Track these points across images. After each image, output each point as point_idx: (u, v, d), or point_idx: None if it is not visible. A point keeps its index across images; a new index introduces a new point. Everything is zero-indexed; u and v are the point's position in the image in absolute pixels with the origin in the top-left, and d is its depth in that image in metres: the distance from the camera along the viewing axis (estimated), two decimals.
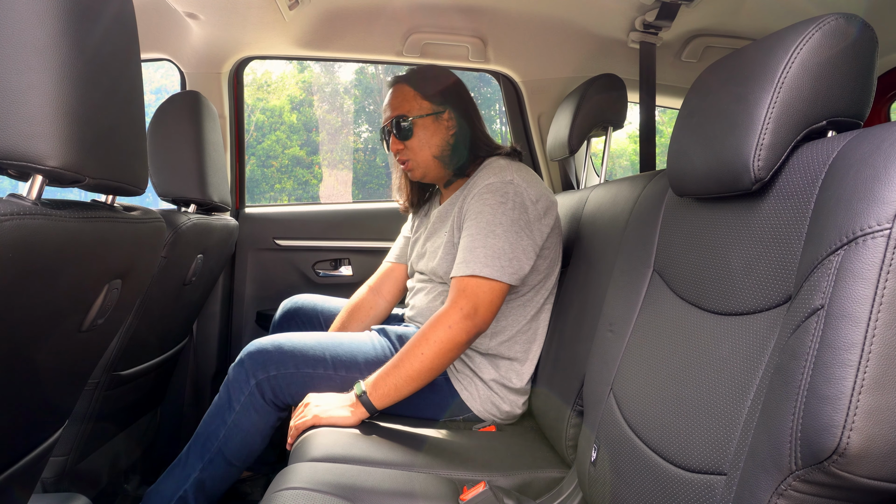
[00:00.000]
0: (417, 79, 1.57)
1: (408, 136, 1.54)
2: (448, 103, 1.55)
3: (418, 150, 1.55)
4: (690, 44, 1.92)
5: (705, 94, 0.89)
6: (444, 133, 1.55)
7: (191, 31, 1.84)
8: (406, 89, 1.56)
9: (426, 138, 1.54)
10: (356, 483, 1.08)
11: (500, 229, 1.37)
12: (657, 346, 0.93)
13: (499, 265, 1.34)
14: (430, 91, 1.55)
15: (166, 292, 1.45)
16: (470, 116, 1.57)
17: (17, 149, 0.65)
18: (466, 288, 1.34)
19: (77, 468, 1.40)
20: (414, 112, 1.54)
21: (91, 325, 0.87)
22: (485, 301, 1.34)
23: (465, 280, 1.35)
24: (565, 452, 1.26)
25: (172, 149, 1.50)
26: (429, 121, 1.54)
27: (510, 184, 1.41)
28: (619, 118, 1.81)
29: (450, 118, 1.55)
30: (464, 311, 1.32)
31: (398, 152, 1.57)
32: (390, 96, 1.58)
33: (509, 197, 1.40)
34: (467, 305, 1.33)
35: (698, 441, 0.74)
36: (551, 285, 1.52)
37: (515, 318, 1.47)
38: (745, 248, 0.77)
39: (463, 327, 1.32)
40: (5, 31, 0.64)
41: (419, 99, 1.54)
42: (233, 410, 1.39)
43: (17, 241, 0.60)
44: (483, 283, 1.34)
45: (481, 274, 1.33)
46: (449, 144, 1.55)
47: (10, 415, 0.77)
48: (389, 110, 1.57)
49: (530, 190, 1.43)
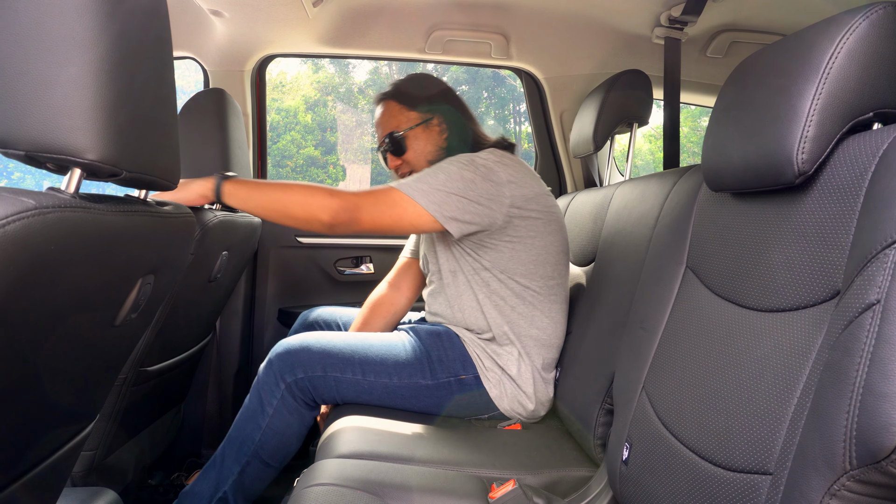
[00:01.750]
0: (401, 92, 1.58)
1: (402, 150, 1.56)
2: (435, 109, 1.56)
3: (416, 162, 1.56)
4: (716, 39, 1.89)
5: (743, 86, 0.87)
6: (436, 139, 1.56)
7: (215, 29, 1.85)
8: (392, 105, 1.58)
9: (420, 148, 1.55)
10: (384, 479, 1.07)
11: (445, 175, 1.36)
12: (692, 343, 0.91)
13: (424, 191, 1.33)
14: (415, 101, 1.56)
15: (192, 289, 1.46)
16: (459, 117, 1.57)
17: (57, 142, 0.65)
18: (377, 190, 1.34)
19: (104, 463, 1.41)
20: (403, 126, 1.56)
21: (124, 319, 0.87)
22: (377, 208, 1.33)
23: (385, 186, 1.35)
24: (593, 451, 1.25)
25: (199, 146, 1.51)
26: (419, 130, 1.56)
27: (484, 159, 1.41)
28: (644, 114, 1.80)
29: (440, 123, 1.57)
30: (354, 198, 1.31)
31: (397, 168, 1.59)
32: (379, 115, 1.60)
33: (477, 165, 1.39)
34: (359, 198, 1.32)
35: (740, 439, 0.72)
36: (563, 283, 1.50)
37: (538, 319, 1.46)
38: (787, 244, 0.75)
39: (335, 208, 1.29)
40: (46, 25, 0.64)
41: (406, 111, 1.56)
42: (266, 414, 1.38)
43: (59, 234, 0.61)
44: (394, 194, 1.33)
45: (400, 188, 1.33)
46: (443, 149, 1.56)
47: (47, 407, 0.77)
48: (381, 129, 1.59)
49: (505, 171, 1.41)
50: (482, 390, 1.44)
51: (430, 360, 1.44)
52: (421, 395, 1.43)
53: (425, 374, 1.43)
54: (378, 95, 1.62)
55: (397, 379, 1.42)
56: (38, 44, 0.64)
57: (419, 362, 1.43)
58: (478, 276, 1.47)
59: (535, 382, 1.45)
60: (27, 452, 0.79)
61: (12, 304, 0.58)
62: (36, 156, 0.66)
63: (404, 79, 1.63)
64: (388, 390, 1.42)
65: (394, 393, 1.42)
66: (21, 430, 0.74)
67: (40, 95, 0.64)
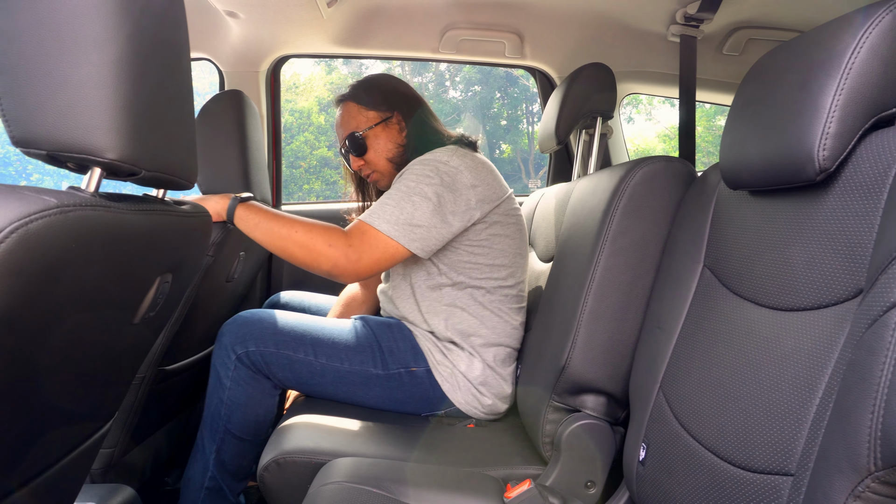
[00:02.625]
0: (359, 92, 1.58)
1: (363, 150, 1.56)
2: (394, 106, 1.56)
3: (377, 161, 1.57)
4: (733, 36, 1.88)
5: (762, 83, 0.86)
6: (396, 136, 1.56)
7: (230, 30, 1.87)
8: (351, 106, 1.58)
9: (381, 147, 1.55)
10: (398, 478, 1.07)
11: (418, 198, 1.34)
12: (710, 343, 0.90)
13: (403, 229, 1.33)
14: (372, 100, 1.56)
15: (211, 289, 1.47)
16: (419, 114, 1.56)
17: (78, 141, 0.65)
18: (365, 233, 1.33)
19: (122, 460, 1.42)
20: (363, 126, 1.56)
21: (143, 318, 0.88)
22: (373, 255, 1.32)
23: (367, 226, 1.34)
24: (541, 449, 1.24)
25: (217, 147, 1.52)
26: (379, 129, 1.55)
27: (445, 163, 1.39)
28: (608, 108, 1.75)
29: (398, 121, 1.56)
30: (351, 249, 1.31)
31: (360, 168, 1.59)
32: (338, 117, 1.60)
33: (439, 172, 1.38)
34: (357, 250, 1.31)
35: (760, 440, 0.72)
36: (517, 285, 1.50)
37: (480, 314, 1.46)
38: (808, 242, 0.74)
39: (336, 258, 1.30)
40: (66, 25, 0.64)
41: (364, 111, 1.57)
42: (224, 388, 1.40)
43: (80, 232, 0.61)
44: (381, 237, 1.32)
45: (381, 228, 1.32)
46: (401, 146, 1.56)
47: (68, 403, 0.78)
48: (341, 131, 1.59)
49: (467, 174, 1.39)
50: (434, 384, 1.44)
51: (381, 350, 1.45)
52: (372, 383, 1.44)
53: (376, 363, 1.44)
54: (336, 97, 1.62)
55: (348, 364, 1.42)
56: (59, 44, 0.64)
57: (370, 350, 1.44)
58: (431, 280, 1.47)
59: (488, 377, 1.44)
60: (49, 448, 0.80)
61: (34, 301, 0.58)
62: (57, 155, 0.66)
63: (362, 80, 1.63)
64: (340, 375, 1.42)
65: (345, 378, 1.43)
66: (43, 425, 0.75)
67: (61, 95, 0.64)
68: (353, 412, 1.41)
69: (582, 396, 1.19)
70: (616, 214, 1.15)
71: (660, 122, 13.52)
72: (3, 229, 0.52)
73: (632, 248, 1.14)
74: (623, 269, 1.15)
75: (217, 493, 1.41)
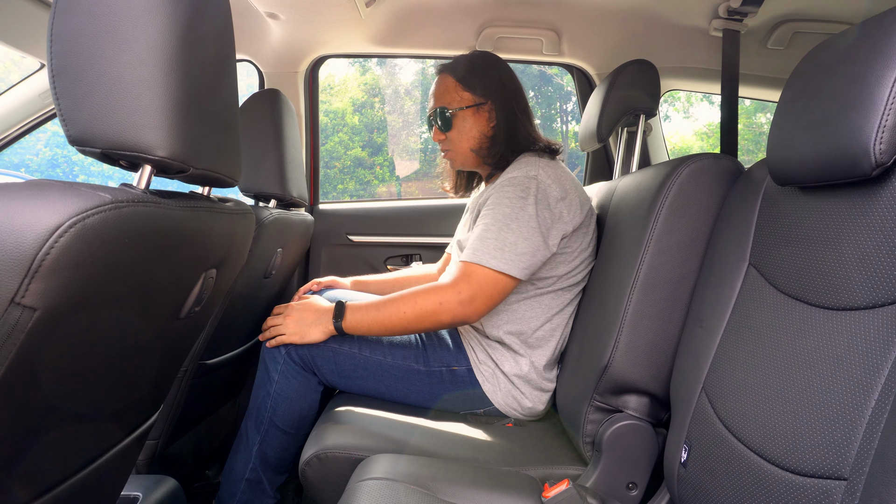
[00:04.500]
0: (461, 69, 1.54)
1: (448, 127, 1.54)
2: (490, 95, 1.52)
3: (457, 142, 1.55)
4: (778, 30, 1.82)
5: (813, 75, 0.83)
6: (483, 126, 1.53)
7: (270, 31, 1.90)
8: (448, 80, 1.55)
9: (465, 130, 1.53)
10: (437, 476, 1.07)
11: (516, 224, 1.33)
12: (756, 342, 0.88)
13: (509, 258, 1.31)
14: (472, 82, 1.52)
15: (249, 284, 1.49)
16: (513, 110, 1.52)
17: (130, 140, 0.67)
18: (472, 274, 1.32)
19: (166, 452, 1.46)
20: (454, 104, 1.53)
21: (188, 312, 0.90)
22: (486, 292, 1.32)
23: (473, 266, 1.33)
24: (582, 449, 1.22)
25: (256, 145, 1.55)
26: (468, 113, 1.52)
27: (533, 179, 1.38)
28: (651, 106, 1.71)
29: (490, 110, 1.52)
30: (462, 295, 1.31)
31: (440, 142, 1.58)
32: (434, 86, 1.58)
33: (531, 192, 1.36)
34: (467, 291, 1.31)
35: (810, 443, 0.70)
36: (582, 281, 1.47)
37: (542, 313, 1.44)
38: (862, 239, 0.72)
39: (452, 310, 1.30)
40: (120, 27, 0.66)
41: (460, 90, 1.53)
42: (272, 381, 1.43)
43: (132, 227, 0.63)
44: (490, 273, 1.32)
45: (489, 265, 1.31)
46: (487, 137, 1.53)
47: (119, 394, 0.81)
48: (433, 100, 1.57)
49: (555, 187, 1.38)
50: (475, 383, 1.44)
51: (424, 347, 1.46)
52: (413, 379, 1.45)
53: (418, 360, 1.45)
54: (439, 65, 1.59)
55: (391, 358, 1.44)
56: (114, 46, 0.66)
57: (413, 347, 1.46)
58: None
59: (532, 378, 1.43)
60: (101, 436, 0.83)
61: (91, 293, 0.60)
62: (111, 153, 0.69)
63: (468, 55, 1.59)
64: (382, 369, 1.44)
65: (387, 372, 1.44)
66: (97, 414, 0.77)
67: (115, 95, 0.66)
68: (393, 409, 1.43)
69: (624, 397, 1.17)
70: (662, 212, 1.13)
71: (698, 119, 13.25)
72: (63, 224, 0.54)
73: (677, 247, 1.12)
74: (668, 267, 1.13)
75: (257, 486, 1.44)
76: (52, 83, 0.66)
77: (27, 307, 0.54)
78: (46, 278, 0.54)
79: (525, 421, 1.46)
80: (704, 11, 1.75)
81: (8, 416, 0.59)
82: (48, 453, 0.70)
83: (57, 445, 0.71)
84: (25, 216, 0.53)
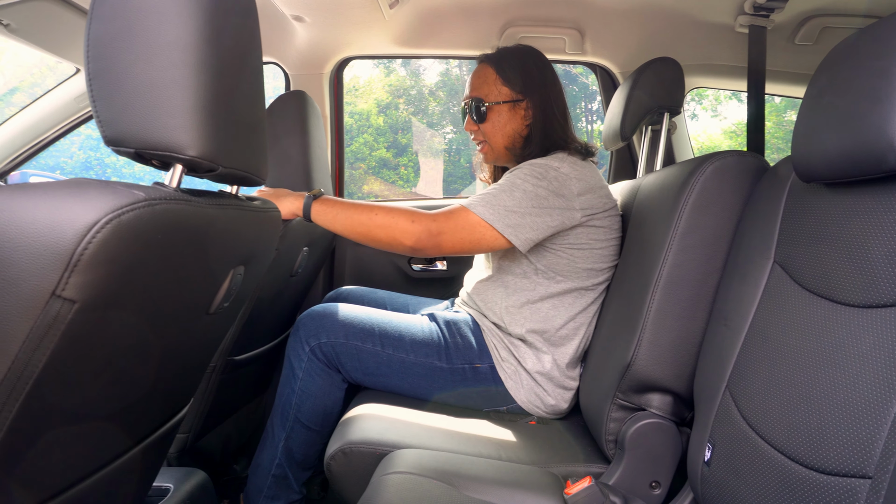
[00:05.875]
0: (502, 62, 1.52)
1: (482, 119, 1.53)
2: (528, 93, 1.50)
3: (491, 136, 1.54)
4: (806, 25, 1.80)
5: (838, 70, 0.83)
6: (519, 123, 1.51)
7: (296, 34, 1.93)
8: (489, 71, 1.53)
9: (500, 125, 1.52)
10: (460, 471, 1.08)
11: (519, 192, 1.33)
12: (781, 341, 0.87)
13: (499, 213, 1.31)
14: (511, 78, 1.50)
15: (276, 283, 1.52)
16: (552, 110, 1.50)
17: (162, 140, 0.70)
18: (454, 213, 1.33)
19: (195, 446, 1.49)
20: (492, 97, 1.51)
21: (217, 308, 0.92)
22: (458, 234, 1.32)
23: (460, 208, 1.34)
24: (605, 447, 1.22)
25: (282, 146, 1.58)
26: (505, 108, 1.51)
27: (555, 169, 1.37)
28: (675, 104, 1.69)
29: (527, 107, 1.50)
30: (434, 224, 1.31)
31: (473, 133, 1.57)
32: (473, 75, 1.56)
33: (547, 177, 1.35)
34: (442, 224, 1.32)
35: (835, 441, 0.69)
36: (605, 280, 1.47)
37: (565, 312, 1.44)
38: (888, 235, 0.71)
39: (417, 233, 1.31)
40: (152, 31, 0.69)
41: (499, 84, 1.51)
42: (297, 377, 1.45)
43: (165, 224, 0.65)
44: (472, 217, 1.32)
45: (475, 210, 1.32)
46: (521, 136, 1.52)
47: (150, 388, 0.83)
48: (470, 90, 1.55)
49: (576, 181, 1.37)
50: (497, 380, 1.44)
51: (447, 345, 1.46)
52: (436, 376, 1.45)
53: (441, 357, 1.45)
54: (482, 55, 1.57)
55: (413, 356, 1.44)
56: (145, 50, 0.69)
57: (435, 344, 1.46)
58: (526, 280, 1.46)
59: (555, 376, 1.42)
60: (136, 428, 0.86)
61: (125, 287, 0.63)
62: (144, 153, 0.71)
63: (512, 48, 1.56)
64: (405, 366, 1.45)
65: (410, 370, 1.45)
66: (133, 406, 0.80)
67: (147, 97, 0.69)
68: (416, 405, 1.44)
69: (647, 395, 1.17)
70: (685, 210, 1.12)
71: (726, 118, 13.04)
72: (100, 220, 0.57)
73: (701, 245, 1.12)
74: (691, 266, 1.12)
75: (283, 481, 1.46)
76: (89, 86, 0.69)
77: (67, 299, 0.56)
78: (85, 272, 0.56)
79: (548, 419, 1.46)
80: (730, 8, 1.73)
81: (49, 402, 0.62)
82: (87, 441, 0.73)
83: (94, 433, 0.74)
84: (65, 213, 0.56)
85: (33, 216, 0.55)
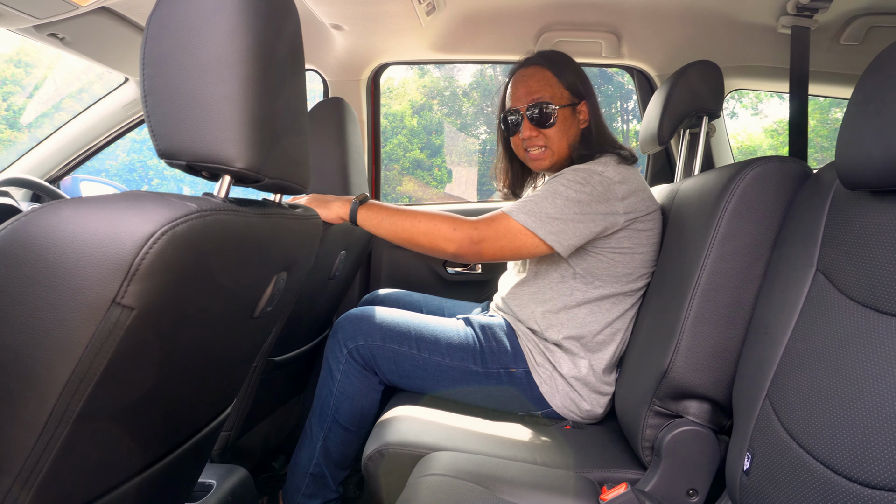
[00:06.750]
0: (558, 64, 1.50)
1: (548, 124, 1.47)
2: (583, 96, 1.51)
3: (556, 140, 1.49)
4: (851, 25, 1.75)
5: (885, 76, 0.81)
6: (576, 127, 1.51)
7: (334, 42, 1.97)
8: (547, 74, 1.49)
9: (565, 129, 1.49)
10: (496, 474, 1.09)
11: (562, 200, 1.32)
12: (824, 350, 0.86)
13: (541, 221, 1.31)
14: (570, 80, 1.49)
15: (314, 285, 1.56)
16: (598, 112, 1.52)
17: (212, 153, 0.73)
18: (496, 220, 1.33)
19: (237, 444, 1.54)
20: (557, 100, 1.48)
21: (261, 312, 0.95)
22: (499, 242, 1.32)
23: (502, 215, 1.34)
24: (641, 453, 1.21)
25: (321, 151, 1.62)
26: (567, 111, 1.49)
27: (599, 174, 1.36)
28: (715, 107, 1.66)
29: (584, 110, 1.51)
30: (475, 231, 1.31)
31: (530, 138, 1.50)
32: (529, 78, 1.50)
33: (591, 182, 1.35)
34: (481, 231, 1.32)
35: (881, 454, 0.68)
36: (643, 287, 1.46)
37: (602, 318, 1.43)
38: None
39: (459, 240, 1.31)
40: (203, 48, 0.72)
41: (560, 87, 1.49)
42: (335, 379, 1.48)
43: (215, 234, 0.68)
44: (514, 226, 1.32)
45: (516, 218, 1.31)
46: (578, 139, 1.51)
47: (199, 388, 0.87)
48: (527, 93, 1.49)
49: (621, 186, 1.36)
50: (533, 385, 1.44)
51: (482, 349, 1.47)
52: (471, 380, 1.46)
53: (476, 361, 1.46)
54: (530, 57, 1.54)
55: (449, 360, 1.45)
56: (197, 67, 0.72)
57: (471, 348, 1.47)
58: (563, 285, 1.46)
59: (591, 381, 1.42)
60: (184, 426, 0.89)
61: (179, 295, 0.66)
62: (195, 165, 0.74)
63: (556, 52, 1.54)
64: (441, 369, 1.46)
65: (445, 373, 1.46)
66: (182, 406, 0.84)
67: (198, 111, 0.72)
68: (452, 408, 1.46)
69: (685, 402, 1.16)
70: (724, 217, 1.11)
71: (767, 116, 12.71)
72: (156, 231, 0.60)
73: (741, 252, 1.10)
74: (731, 272, 1.11)
75: (320, 480, 1.50)
76: (144, 102, 0.73)
77: (126, 307, 0.60)
78: (142, 281, 0.59)
79: (583, 424, 1.46)
80: (772, 9, 1.70)
81: (108, 402, 0.65)
82: (140, 439, 0.77)
83: (147, 432, 0.78)
84: (124, 225, 0.59)
85: (95, 228, 0.59)
